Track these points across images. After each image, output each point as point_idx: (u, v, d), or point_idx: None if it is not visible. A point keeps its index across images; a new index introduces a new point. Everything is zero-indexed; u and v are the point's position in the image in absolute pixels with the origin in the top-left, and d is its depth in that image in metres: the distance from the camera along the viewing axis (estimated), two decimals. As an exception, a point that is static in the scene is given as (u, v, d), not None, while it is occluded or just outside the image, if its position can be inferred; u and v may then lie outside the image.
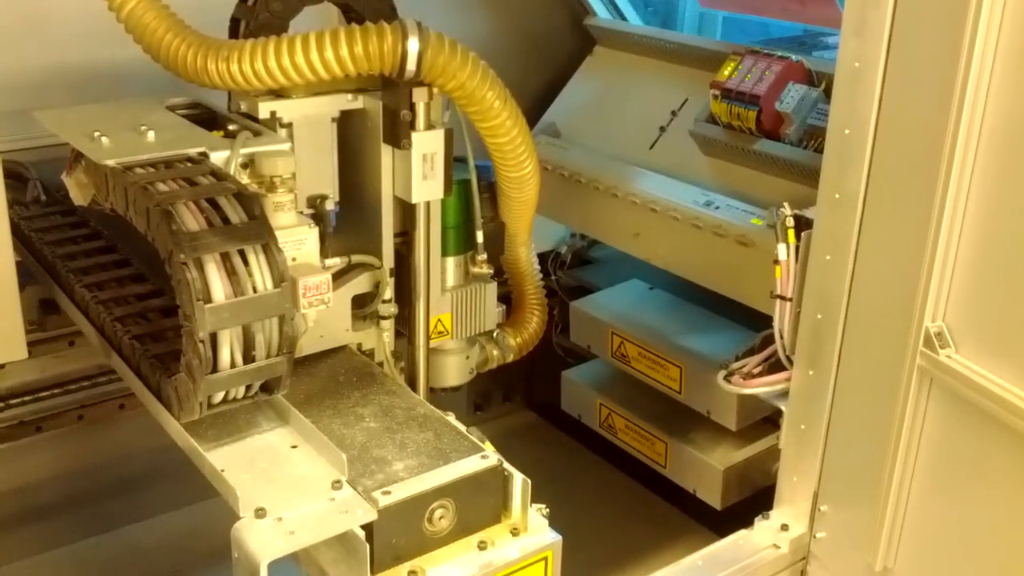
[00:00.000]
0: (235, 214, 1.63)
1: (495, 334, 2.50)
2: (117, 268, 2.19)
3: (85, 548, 2.92)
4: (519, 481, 1.71)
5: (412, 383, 2.30)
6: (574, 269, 3.30)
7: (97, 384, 2.73)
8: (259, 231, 1.62)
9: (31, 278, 2.34)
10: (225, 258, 1.59)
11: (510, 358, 2.55)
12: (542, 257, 3.17)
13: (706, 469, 2.70)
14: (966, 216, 1.70)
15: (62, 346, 2.62)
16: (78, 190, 1.95)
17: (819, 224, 1.96)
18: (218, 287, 1.57)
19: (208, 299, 1.55)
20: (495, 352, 2.52)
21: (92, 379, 2.72)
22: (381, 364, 2.21)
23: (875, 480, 1.91)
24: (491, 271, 2.39)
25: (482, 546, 1.69)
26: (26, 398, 2.67)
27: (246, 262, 1.60)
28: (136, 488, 2.96)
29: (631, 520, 3.10)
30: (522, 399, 3.65)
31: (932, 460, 1.84)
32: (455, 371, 2.45)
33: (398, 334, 2.29)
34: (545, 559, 1.72)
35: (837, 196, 1.90)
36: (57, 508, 2.88)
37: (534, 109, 3.15)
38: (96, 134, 1.84)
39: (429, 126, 2.07)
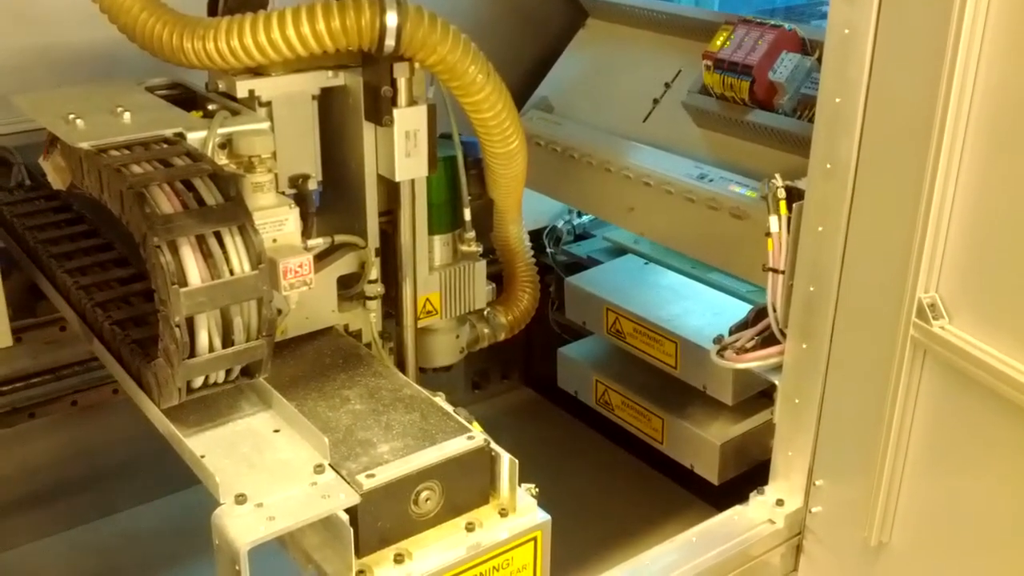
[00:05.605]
0: (211, 196, 1.60)
1: (486, 312, 2.48)
2: (99, 252, 2.17)
3: (82, 534, 2.91)
4: (506, 461, 1.68)
5: (401, 364, 2.28)
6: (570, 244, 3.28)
7: (90, 370, 2.71)
8: (235, 212, 1.59)
9: (16, 265, 2.32)
10: (200, 241, 1.56)
11: (501, 337, 2.53)
12: (537, 233, 3.14)
13: (703, 444, 2.69)
14: (958, 185, 1.67)
15: (53, 332, 2.60)
16: (56, 174, 1.92)
17: (811, 195, 1.93)
18: (193, 270, 1.54)
19: (183, 283, 1.53)
20: (486, 331, 2.49)
21: (85, 364, 2.71)
22: (369, 345, 2.19)
23: (870, 453, 1.88)
24: (480, 249, 2.36)
25: (470, 528, 1.67)
26: (18, 385, 2.66)
27: (222, 244, 1.58)
28: (132, 473, 2.95)
29: (630, 496, 3.09)
30: (520, 377, 3.63)
31: (927, 433, 1.82)
32: (445, 351, 2.43)
33: (387, 315, 2.26)
34: (534, 539, 1.70)
35: (828, 166, 1.87)
36: (53, 494, 2.88)
37: (526, 83, 3.11)
38: (71, 117, 1.81)
39: (411, 102, 2.04)
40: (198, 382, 1.64)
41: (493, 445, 1.70)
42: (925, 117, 1.65)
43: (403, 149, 2.04)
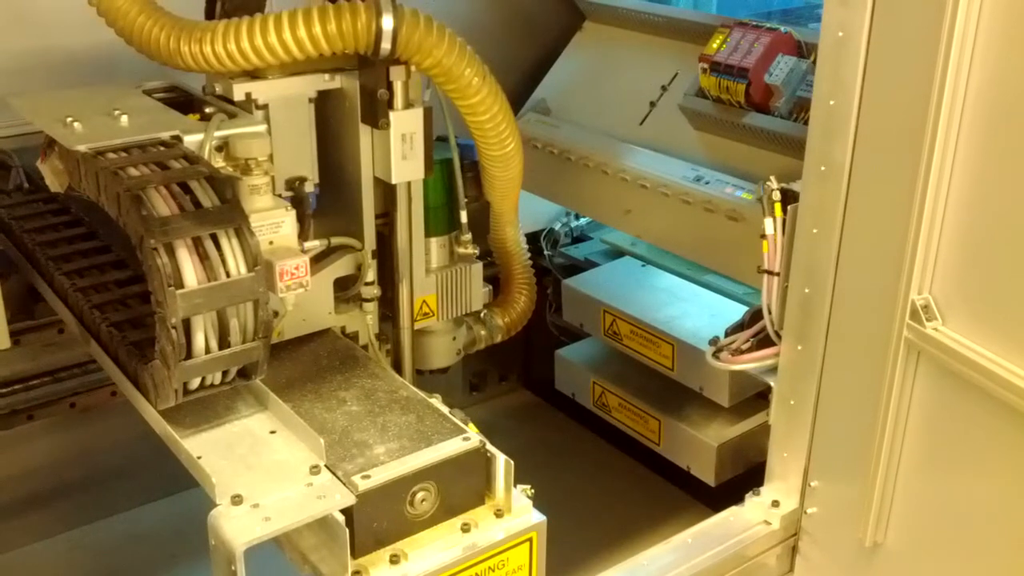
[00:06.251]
0: (207, 198, 1.61)
1: (482, 314, 2.49)
2: (97, 255, 2.17)
3: (81, 535, 2.92)
4: (502, 462, 1.69)
5: (398, 366, 2.28)
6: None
7: (88, 372, 2.71)
8: (231, 215, 1.59)
9: (14, 267, 2.33)
10: (197, 243, 1.56)
11: (498, 338, 2.54)
12: (535, 235, 3.15)
13: (700, 446, 2.69)
14: (951, 187, 1.67)
15: (51, 334, 2.60)
16: (54, 177, 1.93)
17: (805, 197, 1.94)
18: (190, 272, 1.54)
19: (180, 284, 1.53)
20: (482, 333, 2.50)
21: (83, 366, 2.71)
22: (365, 347, 2.19)
23: (864, 454, 1.89)
24: (476, 251, 2.37)
25: (465, 528, 1.68)
26: (17, 387, 2.66)
27: (219, 246, 1.58)
28: (131, 474, 2.95)
29: (626, 497, 3.09)
30: (518, 379, 3.64)
31: (921, 434, 1.82)
32: (442, 353, 2.44)
33: (383, 317, 2.27)
34: (530, 540, 1.71)
35: (823, 168, 1.88)
36: (52, 496, 2.88)
37: (523, 86, 3.12)
38: (69, 119, 1.82)
39: (408, 105, 2.04)
40: (195, 384, 1.64)
41: (488, 446, 1.71)
42: (918, 119, 1.66)
43: (399, 152, 2.05)
